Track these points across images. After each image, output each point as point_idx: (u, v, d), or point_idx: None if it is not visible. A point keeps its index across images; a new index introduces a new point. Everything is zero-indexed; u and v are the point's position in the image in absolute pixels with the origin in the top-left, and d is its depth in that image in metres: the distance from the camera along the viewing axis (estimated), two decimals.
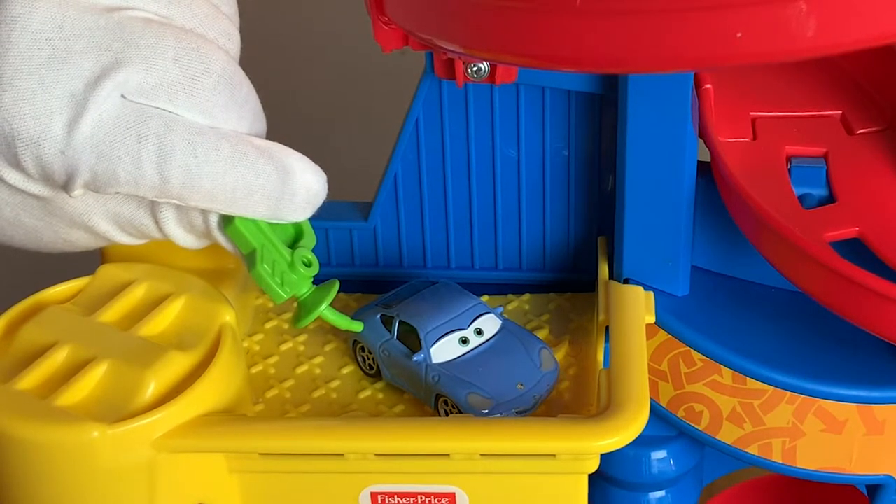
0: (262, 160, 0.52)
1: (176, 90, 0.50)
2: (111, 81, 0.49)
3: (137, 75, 0.50)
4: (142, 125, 0.50)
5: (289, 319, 0.65)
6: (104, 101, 0.49)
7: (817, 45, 0.42)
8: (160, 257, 0.61)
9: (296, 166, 0.53)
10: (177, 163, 0.50)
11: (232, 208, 0.52)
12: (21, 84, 0.49)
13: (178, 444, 0.52)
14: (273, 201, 0.52)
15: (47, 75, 0.49)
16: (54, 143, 0.49)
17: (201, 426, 0.52)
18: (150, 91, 0.50)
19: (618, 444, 0.50)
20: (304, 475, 0.54)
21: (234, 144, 0.51)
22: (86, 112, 0.49)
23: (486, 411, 0.56)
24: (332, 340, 0.63)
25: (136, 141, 0.50)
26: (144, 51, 0.50)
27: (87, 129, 0.49)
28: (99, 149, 0.50)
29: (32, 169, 0.50)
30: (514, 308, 0.65)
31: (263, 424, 0.54)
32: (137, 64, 0.50)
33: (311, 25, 1.10)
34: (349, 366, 0.62)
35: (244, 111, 0.52)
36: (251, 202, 0.52)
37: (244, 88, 0.53)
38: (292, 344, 0.64)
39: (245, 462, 0.54)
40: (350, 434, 0.52)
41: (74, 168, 0.50)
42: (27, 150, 0.49)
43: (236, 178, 0.51)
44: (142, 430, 0.51)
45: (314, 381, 0.61)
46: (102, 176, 0.50)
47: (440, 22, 0.50)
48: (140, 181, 0.50)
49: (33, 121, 0.49)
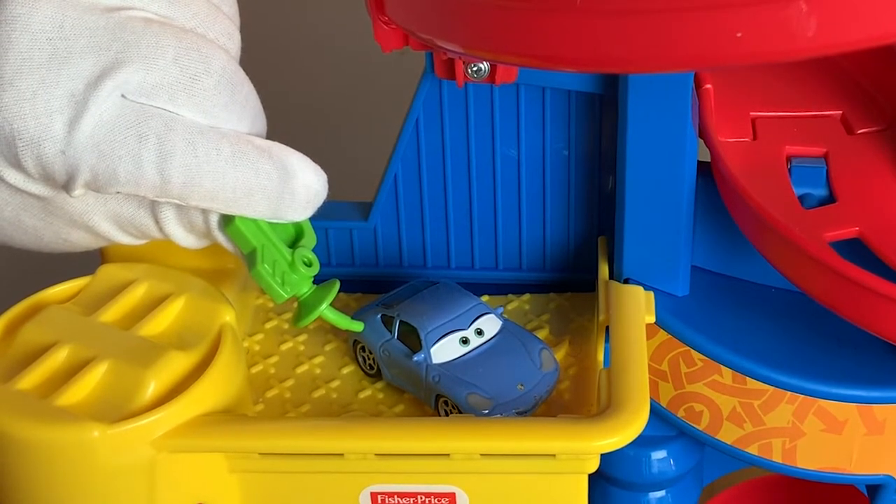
0: (263, 160, 0.52)
1: (176, 90, 0.50)
2: (111, 81, 0.49)
3: (138, 75, 0.50)
4: (142, 125, 0.50)
5: (289, 319, 0.65)
6: (104, 101, 0.49)
7: (818, 45, 0.42)
8: (160, 257, 0.61)
9: (296, 166, 0.53)
10: (177, 162, 0.50)
11: (232, 208, 0.52)
12: (21, 84, 0.49)
13: (178, 444, 0.52)
14: (273, 201, 0.52)
15: (48, 75, 0.49)
16: (55, 142, 0.49)
17: (201, 426, 0.52)
18: (151, 91, 0.50)
19: (618, 444, 0.50)
20: (303, 475, 0.54)
21: (234, 144, 0.51)
22: (86, 112, 0.49)
23: (486, 411, 0.56)
24: (333, 340, 0.64)
25: (136, 140, 0.50)
26: (145, 50, 0.50)
27: (87, 129, 0.49)
28: (99, 148, 0.50)
29: (33, 169, 0.50)
30: (514, 308, 0.65)
31: (263, 424, 0.54)
32: (138, 64, 0.50)
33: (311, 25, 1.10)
34: (349, 366, 0.62)
35: (245, 111, 0.52)
36: (252, 202, 0.52)
37: (245, 88, 0.53)
38: (292, 344, 0.64)
39: (245, 462, 0.54)
40: (350, 434, 0.52)
41: (75, 168, 0.50)
42: (28, 150, 0.49)
43: (237, 177, 0.51)
44: (142, 429, 0.51)
45: (314, 380, 0.61)
46: (103, 175, 0.50)
47: (440, 22, 0.50)
48: (140, 181, 0.50)
49: (34, 121, 0.49)
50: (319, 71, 1.12)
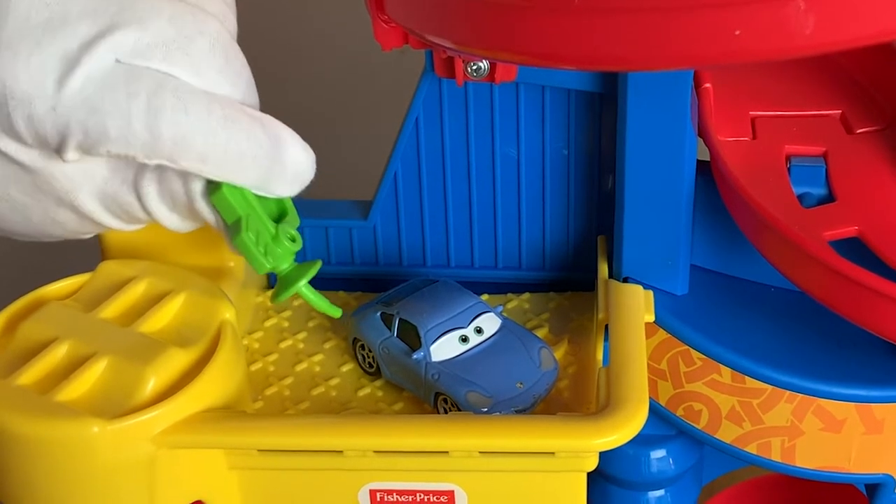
0: (255, 127, 0.52)
1: (171, 48, 0.51)
2: (106, 43, 0.50)
3: (132, 36, 0.50)
4: (132, 84, 0.50)
5: (289, 317, 0.65)
6: (97, 62, 0.50)
7: (816, 43, 0.42)
8: (160, 254, 0.61)
9: (287, 139, 0.53)
10: (167, 118, 0.50)
11: (222, 171, 0.52)
12: (18, 47, 0.50)
13: (177, 440, 0.52)
14: (263, 169, 0.52)
15: (43, 37, 0.50)
16: (45, 100, 0.50)
17: (201, 422, 0.52)
18: (146, 50, 0.51)
19: (616, 442, 0.50)
20: (303, 472, 0.54)
21: (226, 108, 0.51)
22: (77, 69, 0.50)
23: (485, 409, 0.56)
24: (332, 338, 0.64)
25: (126, 97, 0.50)
26: (140, 13, 0.51)
27: (76, 85, 0.50)
28: (89, 104, 0.50)
29: (25, 131, 0.50)
30: (513, 307, 0.65)
31: (263, 421, 0.54)
32: (134, 26, 0.50)
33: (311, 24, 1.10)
34: (348, 363, 0.62)
35: (239, 79, 0.53)
36: (242, 167, 0.52)
37: (239, 60, 0.53)
38: (292, 341, 0.64)
39: (244, 458, 0.54)
40: (349, 431, 0.52)
41: (66, 126, 0.50)
42: (19, 108, 0.50)
43: (228, 139, 0.51)
44: (142, 425, 0.51)
45: (314, 378, 0.62)
46: (93, 132, 0.50)
47: (440, 20, 0.50)
48: (131, 137, 0.50)
49: (27, 79, 0.50)
50: (319, 69, 1.12)
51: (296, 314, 0.65)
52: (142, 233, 0.58)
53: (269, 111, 0.54)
